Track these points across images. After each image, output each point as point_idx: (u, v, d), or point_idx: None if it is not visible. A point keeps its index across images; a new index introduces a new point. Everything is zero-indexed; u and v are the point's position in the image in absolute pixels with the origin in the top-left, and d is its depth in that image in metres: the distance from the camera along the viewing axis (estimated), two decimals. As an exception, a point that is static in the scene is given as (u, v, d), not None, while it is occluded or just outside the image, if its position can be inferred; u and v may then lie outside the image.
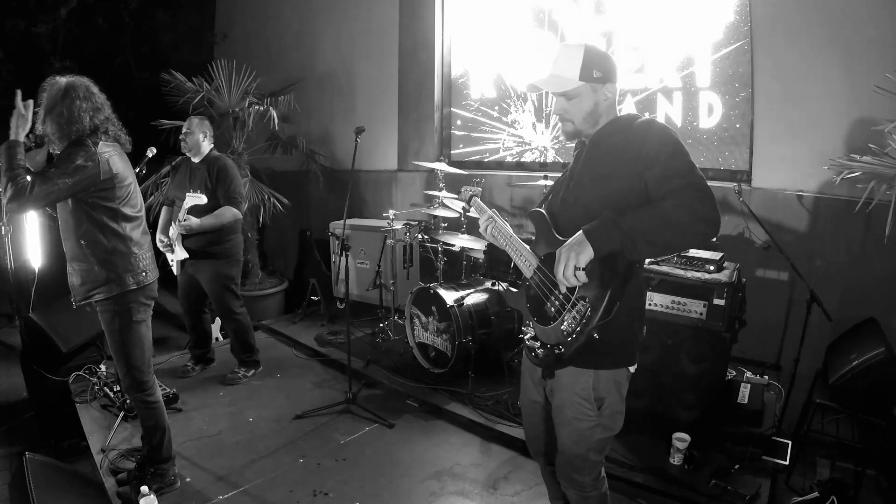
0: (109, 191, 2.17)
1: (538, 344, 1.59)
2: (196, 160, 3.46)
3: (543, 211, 1.69)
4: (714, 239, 3.00)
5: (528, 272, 1.67)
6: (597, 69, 1.55)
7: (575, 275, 1.40)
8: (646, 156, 1.45)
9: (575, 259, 1.40)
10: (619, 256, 1.42)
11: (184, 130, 3.44)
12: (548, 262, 1.59)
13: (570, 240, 1.44)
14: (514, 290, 1.80)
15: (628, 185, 1.48)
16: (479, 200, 1.99)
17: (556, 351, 1.49)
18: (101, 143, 2.15)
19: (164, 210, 3.65)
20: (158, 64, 5.37)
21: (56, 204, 2.15)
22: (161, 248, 3.31)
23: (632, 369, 1.63)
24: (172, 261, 3.43)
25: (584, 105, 1.59)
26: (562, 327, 1.48)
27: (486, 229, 1.79)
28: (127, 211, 2.25)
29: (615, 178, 1.51)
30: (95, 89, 2.20)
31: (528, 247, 1.70)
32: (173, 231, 3.30)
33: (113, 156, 2.19)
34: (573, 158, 1.74)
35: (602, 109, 1.61)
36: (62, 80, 2.14)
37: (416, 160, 4.89)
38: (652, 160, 1.44)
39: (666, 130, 1.50)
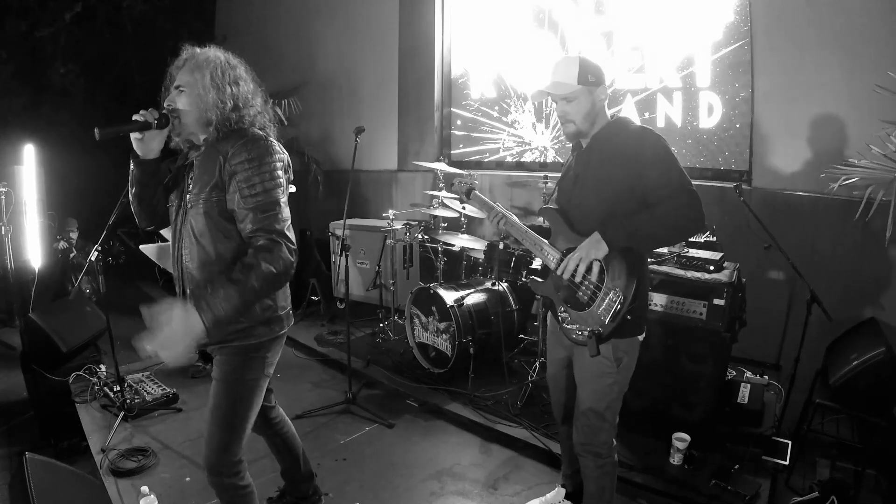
0: None
1: (576, 326, 1.85)
2: None
3: (556, 208, 1.94)
4: (714, 238, 3.01)
5: (552, 264, 1.88)
6: (590, 75, 1.80)
7: (587, 270, 1.72)
8: (642, 165, 1.72)
9: (594, 254, 1.70)
10: (635, 251, 1.75)
11: None
12: None
13: (588, 240, 1.73)
14: (540, 279, 2.01)
15: (627, 188, 1.75)
16: (479, 194, 2.07)
17: (597, 331, 1.77)
18: None
19: None
20: (159, 67, 5.39)
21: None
22: None
23: (641, 338, 1.89)
24: None
25: (582, 106, 1.82)
26: (598, 312, 1.76)
27: (498, 224, 1.96)
28: None
29: (615, 182, 1.77)
30: None
31: (546, 241, 1.91)
32: None
33: None
34: (573, 159, 1.96)
35: (598, 109, 1.84)
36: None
37: (416, 160, 4.90)
38: (648, 169, 1.71)
39: (659, 141, 1.73)
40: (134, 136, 1.59)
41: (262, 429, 2.10)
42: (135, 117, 1.56)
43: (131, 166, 1.68)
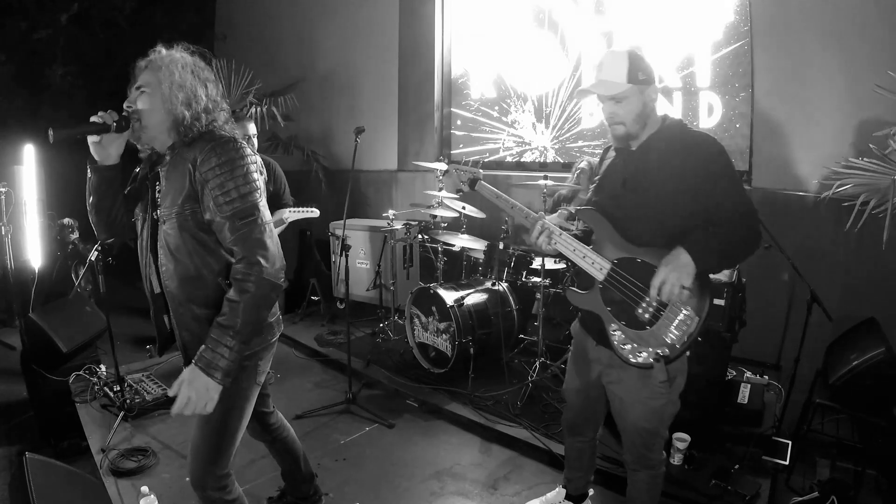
0: None
1: (632, 347, 1.69)
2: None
3: (598, 212, 1.75)
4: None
5: (599, 275, 1.72)
6: (641, 72, 1.64)
7: (680, 294, 1.55)
8: (711, 181, 1.59)
9: (684, 280, 1.54)
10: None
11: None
12: (626, 267, 1.68)
13: (673, 261, 1.56)
14: (582, 291, 1.80)
15: (691, 198, 1.62)
16: (486, 184, 1.93)
17: (662, 353, 1.64)
18: None
19: None
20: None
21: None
22: None
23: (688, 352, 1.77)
24: None
25: (633, 106, 1.66)
26: (663, 332, 1.63)
27: (548, 241, 1.76)
28: None
29: (678, 191, 1.62)
30: None
31: (589, 247, 1.74)
32: None
33: None
34: (620, 161, 1.79)
35: (649, 109, 1.69)
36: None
37: (416, 160, 4.90)
38: (716, 187, 1.60)
39: (724, 154, 1.63)
40: (91, 139, 1.49)
41: (261, 435, 2.10)
42: (92, 119, 1.47)
43: (88, 173, 1.57)
